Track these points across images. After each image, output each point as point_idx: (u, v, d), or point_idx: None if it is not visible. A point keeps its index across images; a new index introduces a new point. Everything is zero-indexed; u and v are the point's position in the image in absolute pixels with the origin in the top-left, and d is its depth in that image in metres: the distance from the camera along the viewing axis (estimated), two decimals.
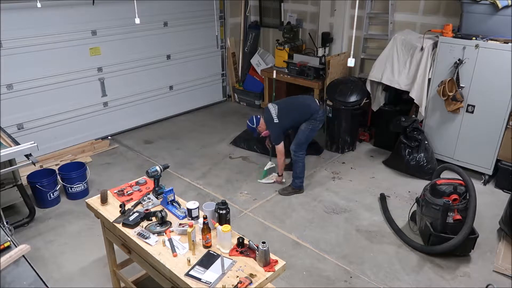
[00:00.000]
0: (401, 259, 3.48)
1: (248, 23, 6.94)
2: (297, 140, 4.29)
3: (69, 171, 4.29)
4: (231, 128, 6.00)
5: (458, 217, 3.35)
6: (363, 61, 5.82)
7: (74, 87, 5.20)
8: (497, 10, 4.07)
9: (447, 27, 4.39)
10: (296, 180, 4.39)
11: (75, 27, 4.99)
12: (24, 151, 3.33)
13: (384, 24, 5.43)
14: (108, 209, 2.72)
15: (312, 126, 4.24)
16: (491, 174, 4.52)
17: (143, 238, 2.42)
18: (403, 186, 4.56)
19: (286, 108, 4.26)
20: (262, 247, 2.19)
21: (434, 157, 4.72)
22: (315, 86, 5.69)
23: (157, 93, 6.16)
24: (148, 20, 5.53)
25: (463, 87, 4.38)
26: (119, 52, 5.52)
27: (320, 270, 3.37)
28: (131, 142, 5.67)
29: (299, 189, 4.44)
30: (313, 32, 6.13)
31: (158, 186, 2.82)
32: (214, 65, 6.86)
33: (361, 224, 3.95)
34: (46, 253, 3.56)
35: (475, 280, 3.26)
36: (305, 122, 4.22)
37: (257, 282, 2.10)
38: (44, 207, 4.18)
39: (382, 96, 5.25)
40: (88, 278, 3.30)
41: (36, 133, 4.93)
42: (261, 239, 2.48)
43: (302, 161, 4.33)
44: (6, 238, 2.16)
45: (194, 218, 2.56)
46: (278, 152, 4.31)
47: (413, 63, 4.71)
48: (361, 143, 5.59)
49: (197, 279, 2.12)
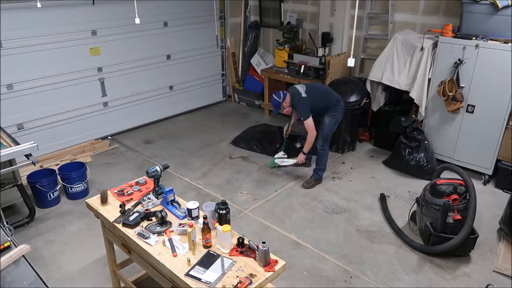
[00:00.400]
0: (401, 259, 3.48)
1: (248, 23, 6.94)
2: (322, 134, 4.39)
3: (69, 171, 4.29)
4: (231, 128, 6.00)
5: (458, 217, 3.35)
6: (363, 61, 5.81)
7: (74, 87, 5.20)
8: (497, 10, 4.07)
9: (447, 27, 4.39)
10: (319, 172, 4.57)
11: (75, 27, 4.99)
12: (24, 151, 3.32)
13: (384, 24, 5.43)
14: (108, 209, 2.72)
15: (336, 119, 4.39)
16: (491, 174, 4.52)
17: (143, 238, 2.42)
18: (403, 186, 4.56)
19: (313, 89, 4.36)
20: (262, 247, 2.19)
21: (434, 157, 4.72)
22: None
23: (157, 93, 6.16)
24: (148, 20, 5.54)
25: (463, 87, 4.38)
26: (119, 52, 5.52)
27: (320, 270, 3.37)
28: (131, 142, 5.67)
29: (320, 179, 4.62)
30: (313, 32, 6.13)
31: (158, 186, 2.82)
32: (214, 65, 6.86)
33: (361, 224, 3.95)
34: (46, 253, 3.56)
35: (475, 280, 3.26)
36: (327, 115, 4.33)
37: (257, 282, 2.10)
38: (44, 207, 4.18)
39: (382, 96, 5.25)
40: (88, 278, 3.30)
41: (36, 133, 4.93)
42: (261, 239, 2.48)
43: (327, 154, 4.52)
44: (6, 238, 2.16)
45: (194, 218, 2.55)
46: (308, 127, 4.23)
47: (413, 63, 4.71)
48: (361, 143, 5.59)
49: (197, 279, 2.12)
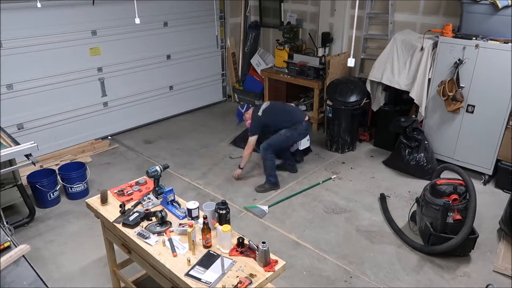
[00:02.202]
0: (401, 259, 3.48)
1: (248, 23, 6.94)
2: (269, 140, 4.40)
3: (69, 171, 4.30)
4: (231, 128, 6.00)
5: (458, 217, 3.34)
6: (363, 61, 5.81)
7: (74, 87, 5.20)
8: (497, 10, 4.07)
9: (447, 27, 4.39)
10: (269, 178, 4.47)
11: (75, 27, 4.99)
12: (24, 151, 3.33)
13: (384, 24, 5.43)
14: (108, 209, 2.72)
15: (290, 134, 4.37)
16: (491, 174, 4.52)
17: (143, 238, 2.42)
18: (403, 186, 4.56)
19: (275, 108, 4.48)
20: (262, 247, 2.19)
21: (434, 157, 4.72)
22: (315, 86, 5.68)
23: (157, 93, 6.16)
24: (148, 20, 5.53)
25: (463, 87, 4.38)
26: (119, 52, 5.52)
27: (320, 270, 3.37)
28: (131, 142, 5.67)
29: (275, 185, 4.49)
30: (313, 32, 6.13)
31: (158, 186, 2.82)
32: (214, 65, 6.86)
33: (361, 224, 3.95)
34: (46, 253, 3.56)
35: (475, 280, 3.26)
36: (285, 129, 4.36)
37: (257, 282, 2.10)
38: (44, 207, 4.18)
39: (382, 96, 5.25)
40: (88, 278, 3.30)
41: (36, 133, 4.93)
42: (261, 239, 2.48)
43: (271, 159, 4.41)
44: (6, 238, 2.16)
45: (194, 218, 2.56)
46: (248, 143, 4.39)
47: (413, 63, 4.71)
48: (361, 143, 5.59)
49: (197, 279, 2.12)
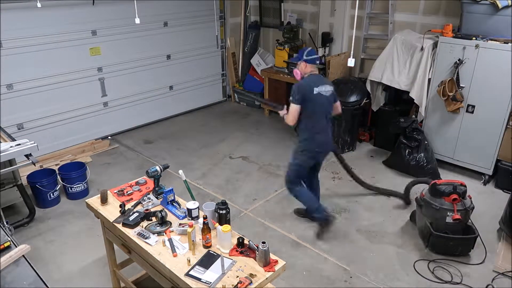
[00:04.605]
0: (401, 259, 3.48)
1: (248, 23, 6.94)
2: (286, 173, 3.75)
3: (69, 171, 4.29)
4: (231, 128, 6.00)
5: (457, 217, 3.35)
6: (363, 61, 5.81)
7: (74, 87, 5.20)
8: (497, 10, 4.07)
9: (447, 27, 4.39)
10: (313, 214, 3.72)
11: (75, 27, 4.99)
12: (24, 151, 3.33)
13: (384, 24, 5.42)
14: (108, 209, 2.72)
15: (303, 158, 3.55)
16: (491, 174, 4.52)
17: (143, 238, 2.42)
18: (403, 186, 4.54)
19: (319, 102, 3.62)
20: (262, 247, 2.19)
21: (434, 157, 4.72)
22: None
23: (157, 93, 6.16)
24: (148, 20, 5.53)
25: (463, 87, 4.38)
26: (119, 52, 5.52)
27: (320, 270, 3.37)
28: (131, 142, 5.67)
29: (325, 220, 3.65)
30: (313, 32, 6.13)
31: (158, 186, 2.82)
32: (214, 65, 6.86)
33: (361, 224, 3.95)
34: (46, 253, 3.56)
35: (475, 280, 3.26)
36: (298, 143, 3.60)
37: (257, 282, 2.10)
38: (44, 207, 4.18)
39: (382, 96, 5.25)
40: (88, 278, 3.30)
41: (36, 133, 4.93)
42: (261, 239, 2.47)
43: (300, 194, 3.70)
44: (6, 238, 2.17)
45: (194, 218, 2.56)
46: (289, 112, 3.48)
47: (413, 63, 4.71)
48: (361, 143, 5.59)
49: (197, 279, 2.12)
